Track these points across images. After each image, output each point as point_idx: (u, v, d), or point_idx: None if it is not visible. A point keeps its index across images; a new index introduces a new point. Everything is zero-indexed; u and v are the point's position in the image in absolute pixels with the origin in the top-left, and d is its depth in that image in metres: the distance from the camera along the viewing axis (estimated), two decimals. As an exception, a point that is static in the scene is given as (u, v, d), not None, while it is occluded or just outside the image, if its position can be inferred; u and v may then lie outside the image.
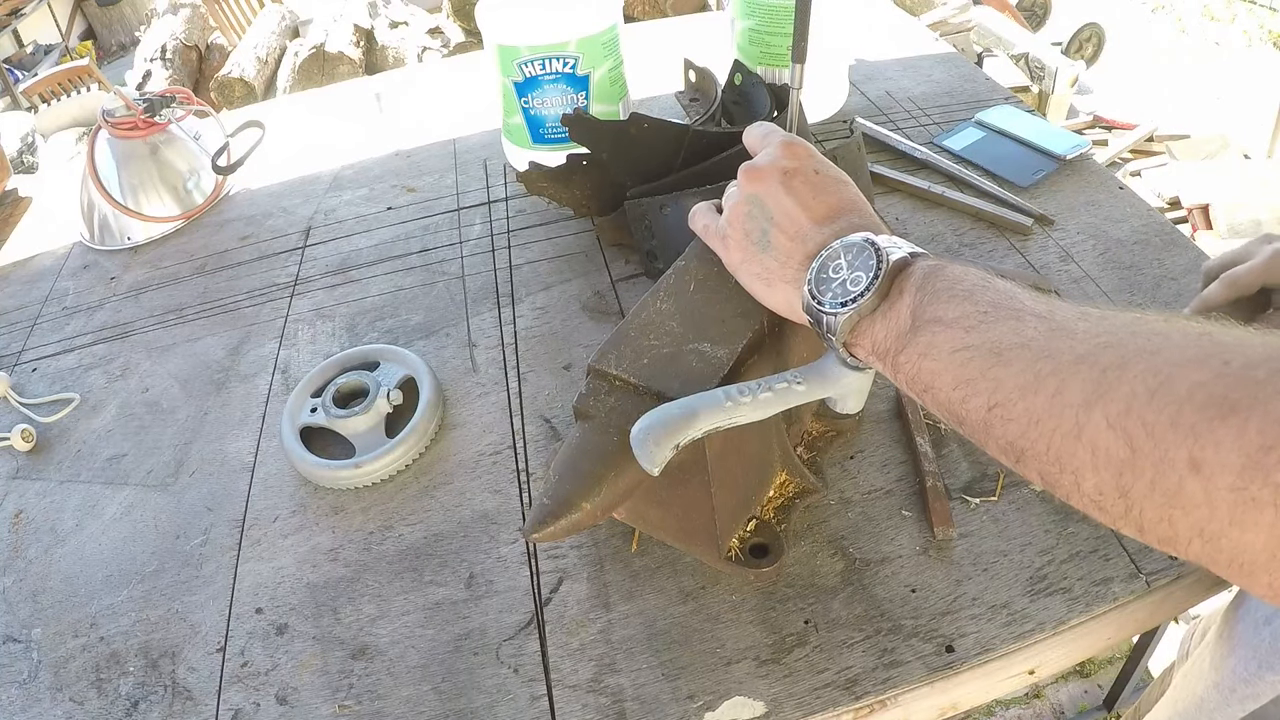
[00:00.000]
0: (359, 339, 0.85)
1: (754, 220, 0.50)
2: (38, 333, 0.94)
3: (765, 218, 0.50)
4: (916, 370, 0.41)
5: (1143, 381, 0.31)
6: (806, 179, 0.50)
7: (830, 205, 0.49)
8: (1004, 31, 2.69)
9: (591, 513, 0.49)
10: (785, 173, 0.50)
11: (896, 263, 0.43)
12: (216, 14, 3.73)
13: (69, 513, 0.72)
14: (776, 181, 0.50)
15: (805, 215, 0.49)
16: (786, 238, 0.49)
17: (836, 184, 0.50)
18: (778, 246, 0.49)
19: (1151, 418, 0.30)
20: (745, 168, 0.52)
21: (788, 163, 0.51)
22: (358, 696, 0.56)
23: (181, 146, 1.10)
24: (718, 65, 1.08)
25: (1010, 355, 0.36)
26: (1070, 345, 0.34)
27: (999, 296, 0.39)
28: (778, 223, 0.49)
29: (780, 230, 0.49)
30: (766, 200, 0.50)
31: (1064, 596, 0.56)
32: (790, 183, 0.50)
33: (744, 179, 0.52)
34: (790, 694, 0.53)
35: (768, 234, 0.50)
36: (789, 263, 0.49)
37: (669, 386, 0.51)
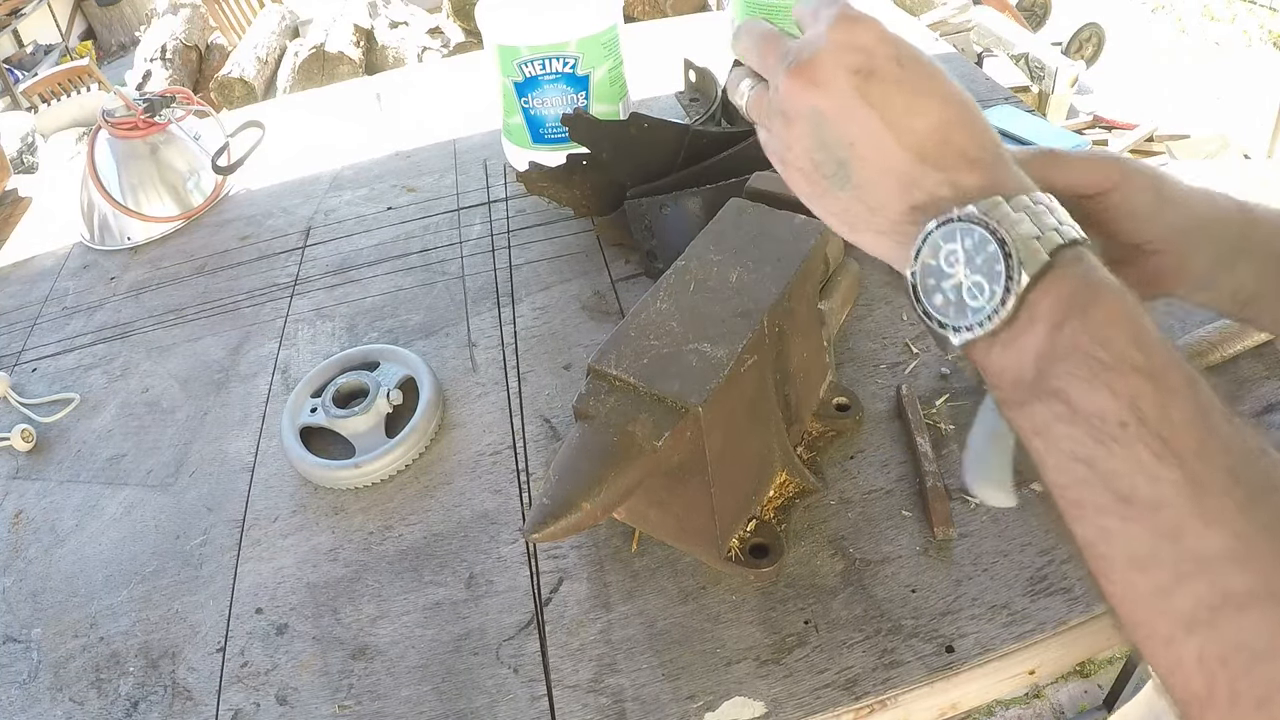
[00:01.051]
0: (359, 339, 0.85)
1: (823, 149, 0.36)
2: (38, 333, 0.94)
3: (839, 144, 0.35)
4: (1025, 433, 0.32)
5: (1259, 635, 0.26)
6: (890, 79, 0.34)
7: (934, 124, 0.34)
8: (1004, 31, 2.69)
9: (591, 513, 0.49)
10: (857, 71, 0.34)
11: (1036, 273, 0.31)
12: (216, 14, 3.73)
13: (69, 513, 0.72)
14: (847, 88, 0.34)
15: (900, 143, 0.34)
16: (877, 174, 0.35)
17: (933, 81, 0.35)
18: (863, 185, 0.36)
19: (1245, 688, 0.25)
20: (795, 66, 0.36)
21: (856, 56, 0.34)
22: (358, 696, 0.56)
23: (181, 146, 1.10)
24: (718, 65, 1.08)
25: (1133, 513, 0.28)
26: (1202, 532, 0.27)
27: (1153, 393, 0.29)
28: (861, 154, 0.35)
29: (865, 163, 0.35)
30: (838, 121, 0.35)
31: (1064, 596, 0.56)
32: (867, 88, 0.34)
33: (795, 83, 0.36)
34: (790, 694, 0.53)
35: (846, 167, 0.35)
36: (884, 210, 0.36)
37: (669, 386, 0.51)
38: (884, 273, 0.51)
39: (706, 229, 0.63)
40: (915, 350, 0.75)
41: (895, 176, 0.35)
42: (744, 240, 0.61)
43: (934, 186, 0.34)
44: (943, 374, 0.73)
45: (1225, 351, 0.69)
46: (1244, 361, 0.71)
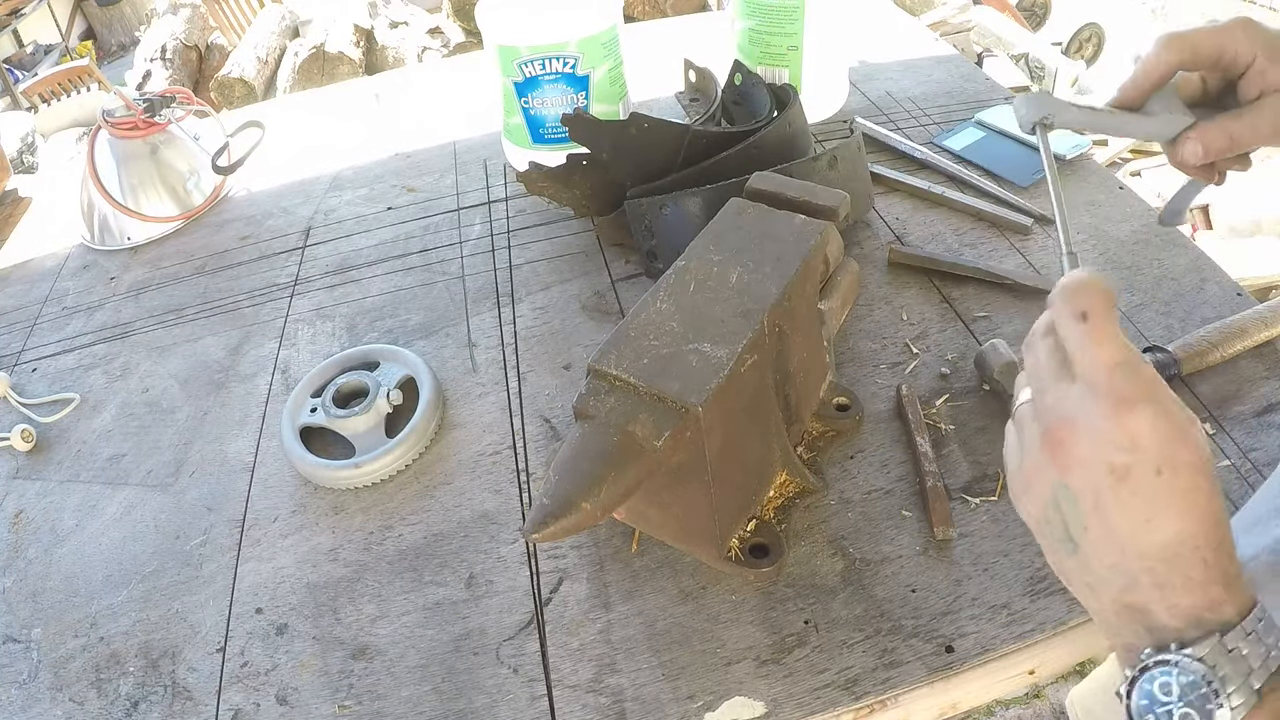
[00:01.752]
0: (359, 339, 0.85)
1: (1057, 516, 0.37)
2: (38, 333, 0.94)
3: (1074, 522, 0.36)
4: None
5: None
6: (1144, 487, 0.34)
7: (1169, 540, 0.34)
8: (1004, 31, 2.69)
9: (591, 513, 0.49)
10: (1114, 471, 0.34)
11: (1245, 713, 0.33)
12: (216, 14, 3.73)
13: (69, 513, 0.72)
14: (1099, 486, 0.35)
15: (1130, 551, 0.35)
16: (1101, 566, 0.36)
17: (1187, 494, 0.34)
18: (1086, 565, 0.36)
19: None
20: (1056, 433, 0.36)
21: (1120, 455, 0.34)
22: (358, 696, 0.56)
23: (181, 146, 1.10)
24: (718, 65, 1.08)
25: None
26: None
27: None
28: (1092, 542, 0.36)
29: (1093, 548, 0.36)
30: (1081, 502, 0.35)
31: (1064, 596, 0.56)
32: (1120, 492, 0.34)
33: (1048, 454, 0.36)
34: (790, 694, 0.53)
35: (1074, 543, 0.36)
36: (1099, 594, 0.37)
37: (669, 386, 0.51)
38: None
39: (706, 229, 0.63)
40: (915, 350, 0.75)
41: (1118, 574, 0.35)
42: (744, 240, 0.61)
43: (1149, 599, 0.35)
44: (942, 374, 0.73)
45: (1225, 351, 0.69)
46: (1244, 361, 0.71)
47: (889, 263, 0.85)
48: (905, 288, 0.82)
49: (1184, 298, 0.77)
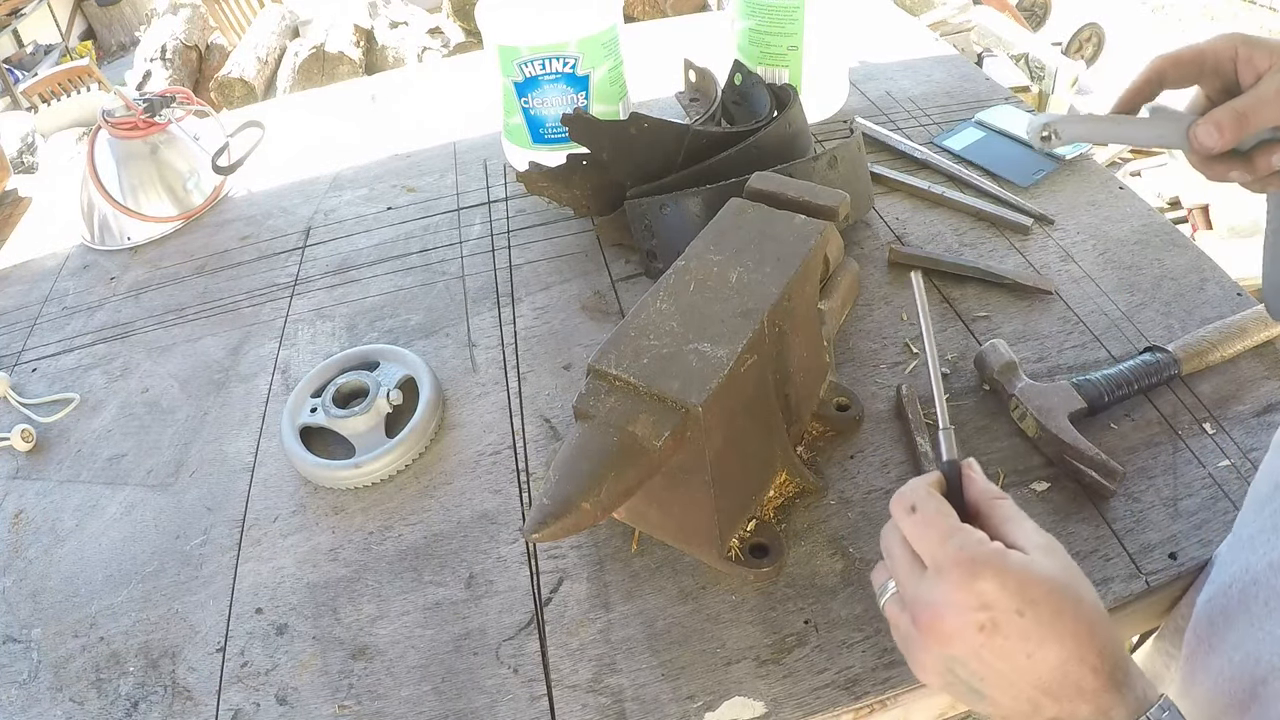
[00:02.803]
0: (359, 339, 0.85)
1: (956, 679, 0.40)
2: (38, 333, 0.94)
3: (974, 679, 0.39)
4: None
5: None
6: (1012, 631, 0.37)
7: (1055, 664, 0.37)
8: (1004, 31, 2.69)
9: (591, 513, 0.49)
10: (982, 629, 0.38)
11: None
12: (216, 14, 3.73)
13: (69, 513, 0.72)
14: (975, 645, 0.38)
15: (1023, 686, 0.38)
16: (1006, 699, 0.39)
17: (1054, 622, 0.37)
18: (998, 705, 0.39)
19: None
20: (924, 618, 0.39)
21: (981, 615, 0.38)
22: (358, 696, 0.56)
23: (181, 146, 1.10)
24: (718, 65, 1.08)
25: None
26: None
27: None
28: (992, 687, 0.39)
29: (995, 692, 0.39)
30: (969, 663, 0.39)
31: (1064, 596, 0.56)
32: (994, 643, 0.38)
33: (928, 635, 0.39)
34: (790, 694, 0.53)
35: (981, 694, 0.40)
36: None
37: (669, 386, 0.51)
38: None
39: (706, 229, 0.63)
40: (915, 350, 0.75)
41: (1022, 702, 0.38)
42: (744, 240, 0.61)
43: (1056, 713, 0.38)
44: (943, 374, 0.72)
45: (1225, 351, 0.70)
46: (1244, 361, 0.71)
47: (889, 263, 0.85)
48: (905, 288, 0.82)
49: (1184, 298, 0.77)
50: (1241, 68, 0.52)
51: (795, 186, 0.67)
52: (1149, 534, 0.59)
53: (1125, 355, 0.72)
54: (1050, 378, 0.70)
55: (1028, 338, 0.75)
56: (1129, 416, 0.67)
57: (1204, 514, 0.60)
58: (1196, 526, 0.59)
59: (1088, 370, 0.69)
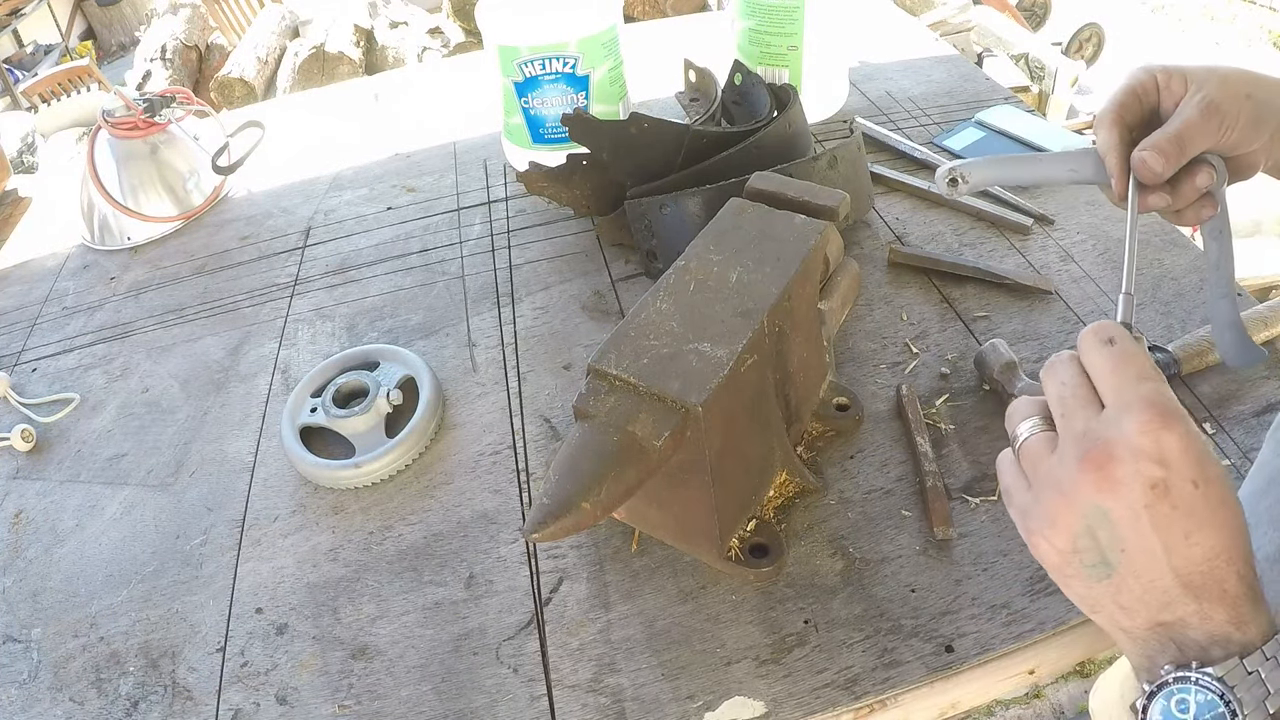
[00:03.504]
0: (359, 339, 0.85)
1: (1092, 542, 0.37)
2: (38, 333, 0.94)
3: (1111, 546, 0.36)
4: None
5: None
6: (1182, 502, 0.35)
7: (1206, 554, 0.35)
8: (1004, 31, 2.69)
9: (591, 513, 0.49)
10: (1154, 486, 0.35)
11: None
12: (216, 14, 3.73)
13: (69, 513, 0.72)
14: (1140, 502, 0.35)
15: (1170, 568, 0.35)
16: (1139, 586, 0.36)
17: (1221, 509, 0.35)
18: (1122, 588, 0.36)
19: None
20: (1094, 455, 0.36)
21: (1158, 470, 0.35)
22: (357, 696, 0.56)
23: (181, 146, 1.10)
24: (718, 65, 1.08)
25: None
26: None
27: None
28: (1129, 564, 0.36)
29: (1131, 574, 0.36)
30: (1120, 525, 0.36)
31: (1064, 596, 0.56)
32: (1159, 508, 0.35)
33: (1089, 476, 0.36)
34: (790, 694, 0.53)
35: (1111, 566, 0.36)
36: (1133, 615, 0.37)
37: (669, 386, 0.51)
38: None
39: (706, 229, 0.63)
40: (915, 350, 0.75)
41: (1156, 592, 0.36)
42: (744, 240, 0.61)
43: (1186, 612, 0.35)
44: (942, 374, 0.73)
45: (1225, 351, 0.69)
46: (1244, 361, 0.70)
47: (889, 263, 0.85)
48: (905, 288, 0.82)
49: (1184, 298, 0.77)
50: (1163, 95, 0.53)
51: (795, 186, 0.67)
52: (1149, 534, 0.59)
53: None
54: (1050, 378, 0.70)
55: (1028, 338, 0.75)
56: (1129, 416, 0.67)
57: (1204, 514, 0.60)
58: (1196, 526, 0.59)
59: (1088, 370, 0.69)
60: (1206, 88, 0.50)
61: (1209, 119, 0.50)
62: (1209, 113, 0.50)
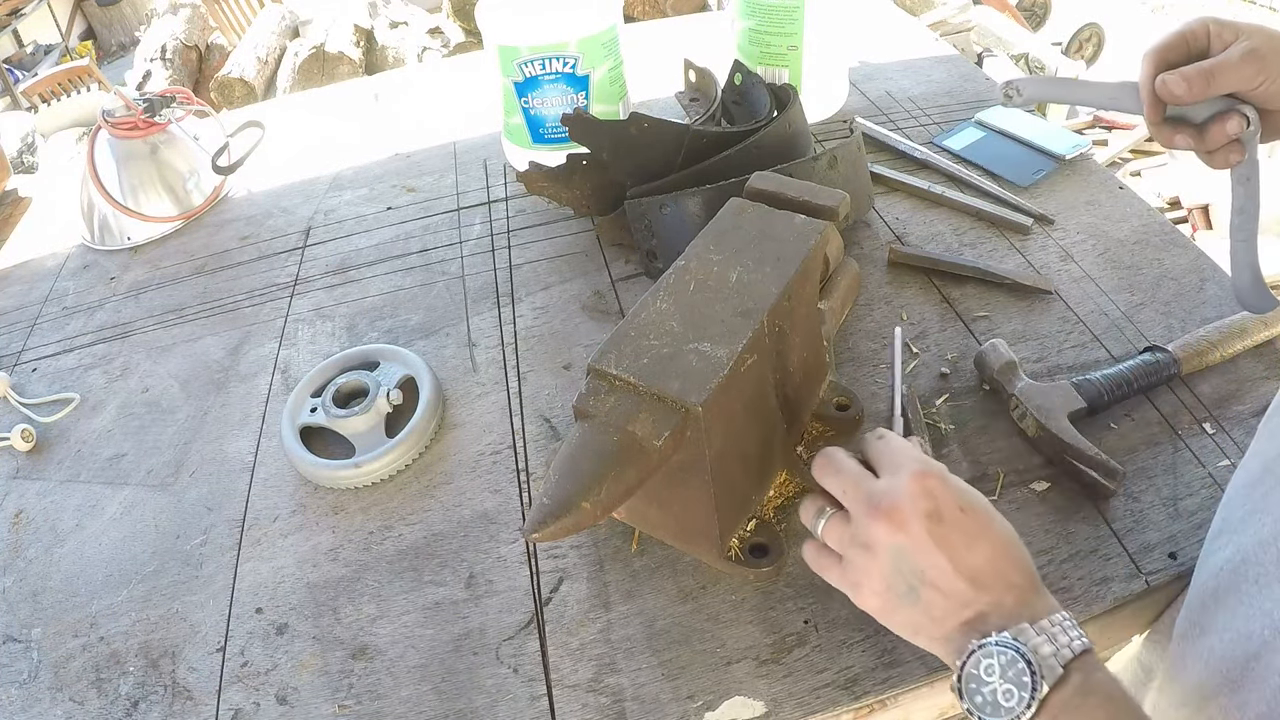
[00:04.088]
0: (359, 339, 0.85)
1: (899, 575, 0.45)
2: (38, 333, 0.94)
3: (913, 574, 0.45)
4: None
5: None
6: (954, 523, 0.45)
7: (986, 558, 0.44)
8: (1004, 31, 2.69)
9: (591, 513, 0.49)
10: (929, 516, 0.44)
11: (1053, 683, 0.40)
12: (216, 14, 3.73)
13: (69, 513, 0.72)
14: (922, 531, 0.44)
15: (960, 575, 0.44)
16: (941, 597, 0.44)
17: (986, 521, 0.45)
18: (929, 604, 0.45)
19: None
20: (878, 508, 0.46)
21: (928, 503, 0.45)
22: (358, 696, 0.56)
23: (181, 146, 1.10)
24: (718, 65, 1.08)
25: None
26: None
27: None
28: (930, 581, 0.44)
29: (933, 589, 0.44)
30: (914, 555, 0.44)
31: (1064, 596, 0.56)
32: (938, 531, 0.44)
33: (881, 524, 0.45)
34: (790, 694, 0.53)
35: (916, 591, 0.45)
36: (943, 623, 0.45)
37: (669, 386, 0.51)
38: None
39: (706, 229, 0.63)
40: (915, 350, 0.75)
41: (955, 597, 0.44)
42: (744, 240, 0.61)
43: (983, 606, 0.44)
44: (942, 374, 0.73)
45: (1225, 351, 0.70)
46: (1244, 361, 0.71)
47: (889, 263, 0.85)
48: (905, 288, 0.82)
49: (1184, 298, 0.77)
50: (1214, 42, 0.57)
51: (795, 186, 0.67)
52: (1149, 534, 0.59)
53: (1125, 355, 0.72)
54: (1050, 378, 0.70)
55: (1028, 338, 0.75)
56: (1129, 416, 0.67)
57: (1204, 514, 0.60)
58: (1196, 526, 0.59)
59: (1088, 370, 0.69)
60: (1255, 38, 0.55)
61: (1248, 63, 0.54)
62: (1249, 58, 0.54)
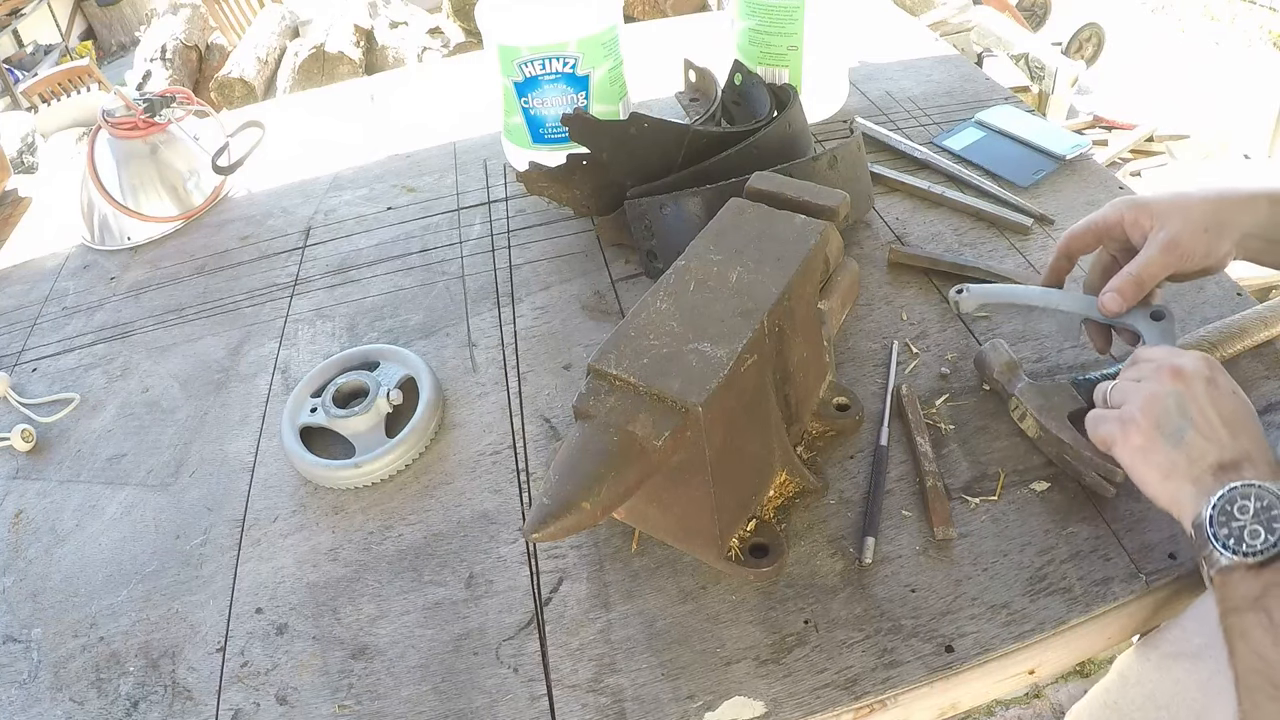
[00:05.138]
0: (359, 339, 0.85)
1: (1170, 415, 0.51)
2: (38, 333, 0.94)
3: (1184, 415, 0.51)
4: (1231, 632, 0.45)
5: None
6: (1226, 392, 0.52)
7: (1244, 424, 0.51)
8: (1004, 31, 2.69)
9: (591, 512, 0.49)
10: (1209, 381, 0.52)
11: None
12: (216, 14, 3.73)
13: (69, 513, 0.72)
14: (1202, 385, 0.52)
15: (1224, 426, 0.50)
16: (1203, 439, 0.50)
17: (1248, 407, 0.52)
18: (1191, 445, 0.50)
19: None
20: (1167, 364, 0.53)
21: (1210, 372, 0.53)
22: (357, 696, 0.56)
23: (181, 146, 1.10)
24: (718, 65, 1.08)
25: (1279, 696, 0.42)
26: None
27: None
28: (1197, 424, 0.51)
29: (1198, 432, 0.50)
30: (1189, 401, 0.51)
31: (1064, 596, 0.56)
32: (1213, 391, 0.52)
33: (1165, 373, 0.53)
34: (790, 694, 0.53)
35: (1183, 432, 0.51)
36: (1199, 463, 0.50)
37: (669, 386, 0.51)
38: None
39: (706, 229, 0.63)
40: (915, 350, 0.75)
41: (1216, 443, 0.50)
42: (744, 240, 0.61)
43: (1235, 454, 0.49)
44: (942, 374, 0.73)
45: (1225, 351, 0.70)
46: (1244, 361, 0.71)
47: (889, 263, 0.85)
48: (905, 288, 0.82)
49: (1184, 298, 0.77)
50: (1131, 231, 0.63)
51: (795, 186, 0.67)
52: (1149, 534, 0.59)
53: (1125, 355, 0.72)
54: (1050, 378, 0.70)
55: (1028, 338, 0.75)
56: (1129, 416, 0.67)
57: (1204, 514, 0.60)
58: (1196, 526, 0.59)
59: (1088, 370, 0.69)
60: (1171, 224, 0.61)
61: (1168, 254, 0.61)
62: (1169, 249, 0.60)
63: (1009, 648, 0.54)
